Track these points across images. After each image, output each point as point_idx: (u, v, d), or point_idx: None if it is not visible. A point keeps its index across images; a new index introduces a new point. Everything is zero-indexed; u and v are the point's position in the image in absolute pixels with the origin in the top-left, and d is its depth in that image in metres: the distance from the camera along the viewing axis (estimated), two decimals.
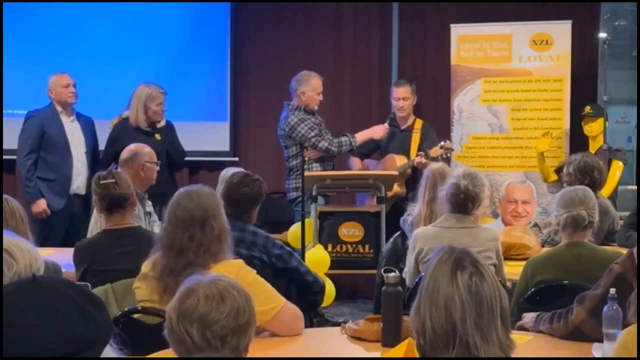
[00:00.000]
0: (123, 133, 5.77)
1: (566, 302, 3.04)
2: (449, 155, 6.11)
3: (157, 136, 5.84)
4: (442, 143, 6.01)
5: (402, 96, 6.45)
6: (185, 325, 1.91)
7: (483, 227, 4.09)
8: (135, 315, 3.03)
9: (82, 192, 5.87)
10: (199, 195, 3.03)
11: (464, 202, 3.91)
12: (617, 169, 5.86)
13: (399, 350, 2.45)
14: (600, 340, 2.74)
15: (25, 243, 2.22)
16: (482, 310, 1.90)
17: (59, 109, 5.90)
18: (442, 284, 1.92)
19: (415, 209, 4.58)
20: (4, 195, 3.43)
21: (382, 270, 3.08)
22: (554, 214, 3.77)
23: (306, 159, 5.75)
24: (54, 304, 1.41)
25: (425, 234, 4.02)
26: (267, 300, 2.93)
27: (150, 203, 4.77)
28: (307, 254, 5.22)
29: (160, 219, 5.03)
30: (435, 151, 5.98)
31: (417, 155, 6.10)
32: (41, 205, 5.75)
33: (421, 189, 4.56)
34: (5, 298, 1.41)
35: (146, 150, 4.85)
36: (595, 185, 4.96)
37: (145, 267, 3.08)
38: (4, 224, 3.22)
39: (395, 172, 5.99)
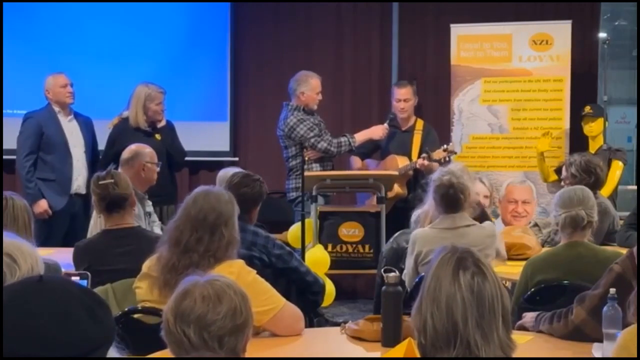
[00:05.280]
0: (123, 133, 5.77)
1: (566, 302, 3.04)
2: (451, 158, 6.09)
3: (157, 136, 5.84)
4: (446, 146, 5.98)
5: (404, 97, 6.43)
6: (182, 327, 1.91)
7: (479, 225, 4.10)
8: (135, 315, 3.03)
9: (83, 191, 5.86)
10: (217, 199, 3.00)
11: (455, 195, 3.93)
12: (617, 169, 5.86)
13: (399, 350, 2.45)
14: (600, 340, 2.74)
15: (27, 246, 2.21)
16: (484, 310, 1.90)
17: (56, 109, 5.89)
18: (444, 283, 1.92)
19: (423, 207, 4.57)
20: (10, 194, 3.43)
21: (382, 270, 3.08)
22: (552, 214, 3.77)
23: (306, 159, 5.74)
24: (64, 304, 1.40)
25: (424, 235, 4.02)
26: (267, 300, 2.92)
27: (150, 203, 4.76)
28: (307, 254, 5.22)
29: (160, 219, 5.04)
30: (438, 154, 5.94)
31: (419, 158, 6.08)
32: (42, 205, 5.74)
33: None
34: (12, 298, 1.40)
35: (147, 150, 4.85)
36: (599, 182, 4.99)
37: (146, 266, 3.08)
38: (10, 225, 3.22)
39: (395, 172, 5.99)
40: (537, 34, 6.58)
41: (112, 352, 1.50)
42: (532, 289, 3.51)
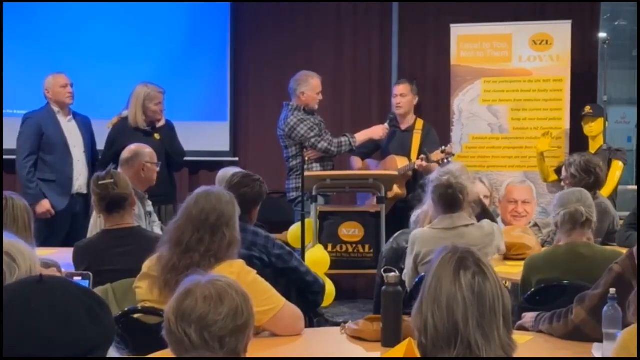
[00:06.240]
0: (122, 133, 5.77)
1: (566, 302, 3.04)
2: (449, 160, 6.08)
3: (157, 136, 5.83)
4: (444, 148, 5.96)
5: (400, 92, 6.44)
6: (183, 326, 1.91)
7: (478, 225, 4.10)
8: (135, 315, 3.02)
9: (84, 191, 5.86)
10: (218, 199, 3.00)
11: (454, 195, 3.93)
12: (617, 169, 5.86)
13: (399, 350, 2.45)
14: (600, 340, 2.74)
15: (25, 246, 2.21)
16: (485, 310, 1.90)
17: (55, 109, 5.89)
18: (445, 283, 1.92)
19: (423, 207, 4.57)
20: (10, 194, 3.43)
21: (382, 270, 3.08)
22: (552, 215, 3.77)
23: (306, 159, 5.74)
24: (65, 305, 1.40)
25: (423, 236, 4.02)
26: (267, 300, 2.92)
27: (150, 203, 4.76)
28: (307, 254, 5.22)
29: (160, 218, 5.04)
30: (436, 155, 5.93)
31: (418, 159, 6.08)
32: (45, 205, 5.74)
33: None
34: (12, 298, 1.40)
35: (147, 150, 4.85)
36: (599, 182, 5.00)
37: (146, 266, 3.08)
38: (10, 225, 3.22)
39: (395, 172, 5.99)
40: (537, 34, 6.58)
41: (112, 352, 1.50)
42: (532, 289, 3.52)
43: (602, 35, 7.05)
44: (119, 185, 3.75)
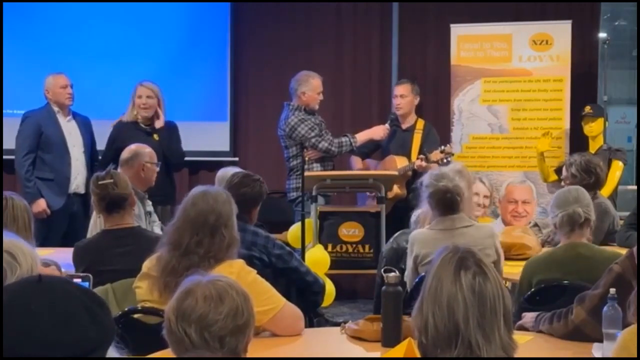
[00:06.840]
0: (122, 132, 5.80)
1: (566, 302, 3.04)
2: (449, 159, 6.08)
3: (155, 136, 5.83)
4: (443, 147, 5.96)
5: (400, 93, 6.44)
6: (183, 326, 1.91)
7: (478, 225, 4.08)
8: (135, 315, 3.02)
9: (82, 191, 5.87)
10: (215, 200, 2.98)
11: (452, 199, 3.91)
12: (617, 169, 5.86)
13: (399, 350, 2.45)
14: (600, 340, 2.74)
15: (26, 246, 2.22)
16: (485, 310, 1.90)
17: (55, 109, 5.90)
18: (446, 283, 1.92)
19: (423, 207, 4.56)
20: (10, 194, 3.43)
21: (382, 270, 3.08)
22: (550, 216, 3.77)
23: (306, 159, 5.74)
24: (65, 305, 1.41)
25: (422, 237, 4.00)
26: (267, 300, 2.92)
27: (150, 203, 4.76)
28: (307, 254, 5.22)
29: (159, 218, 5.04)
30: (436, 155, 5.93)
31: (418, 159, 6.08)
32: (41, 205, 5.74)
33: None
34: (12, 298, 1.40)
35: (147, 150, 4.85)
36: (599, 182, 5.00)
37: (146, 266, 3.08)
38: (10, 225, 3.22)
39: (395, 172, 5.99)
40: (537, 34, 6.58)
41: (112, 352, 1.50)
42: (532, 289, 3.52)
43: (602, 35, 7.05)
44: (119, 185, 3.75)
